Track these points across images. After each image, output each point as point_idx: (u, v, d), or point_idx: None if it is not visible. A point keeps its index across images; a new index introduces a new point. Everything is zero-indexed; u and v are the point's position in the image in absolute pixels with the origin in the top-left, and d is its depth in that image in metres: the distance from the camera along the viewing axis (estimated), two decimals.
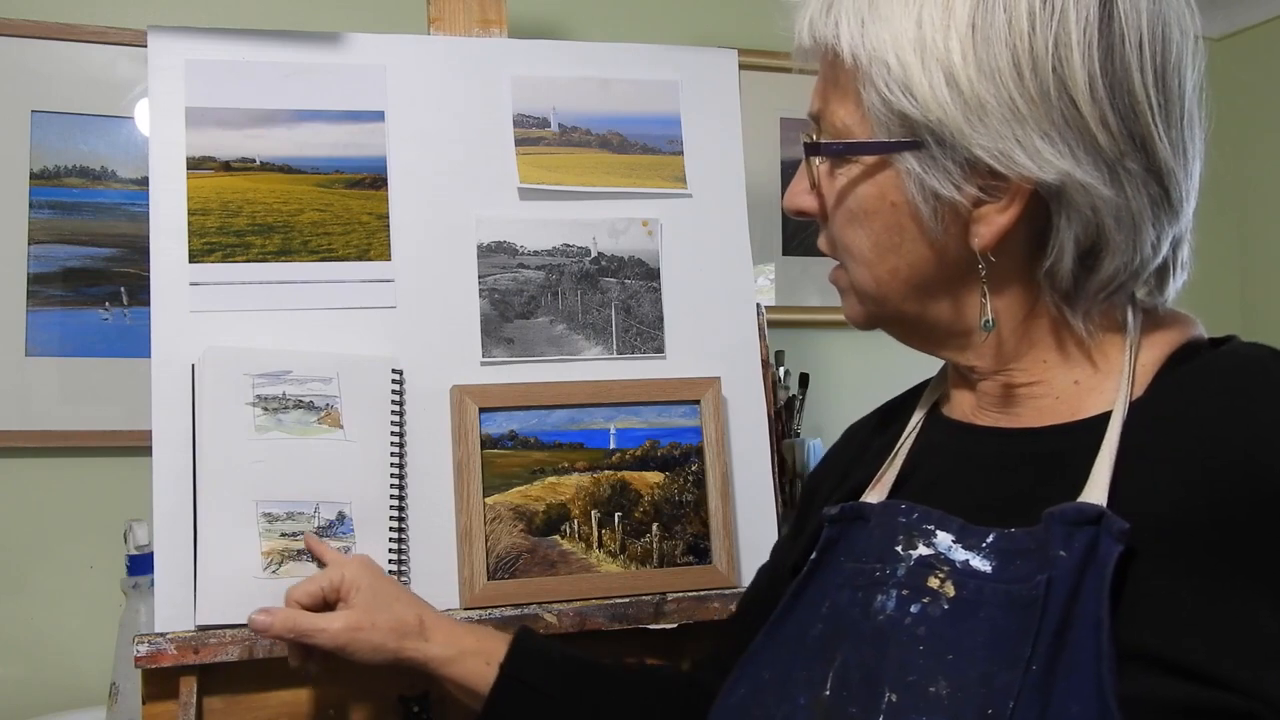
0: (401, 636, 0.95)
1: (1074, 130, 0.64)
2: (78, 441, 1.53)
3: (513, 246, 1.24)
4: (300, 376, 1.13)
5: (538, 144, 1.27)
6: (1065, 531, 0.62)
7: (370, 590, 0.98)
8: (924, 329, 0.75)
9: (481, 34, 1.30)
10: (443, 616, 1.00)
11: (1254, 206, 2.39)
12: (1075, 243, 0.66)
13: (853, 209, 0.72)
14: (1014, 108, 0.64)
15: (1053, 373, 0.71)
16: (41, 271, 1.52)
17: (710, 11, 1.89)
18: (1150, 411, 0.66)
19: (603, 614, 1.14)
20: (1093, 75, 0.63)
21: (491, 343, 1.22)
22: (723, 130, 1.33)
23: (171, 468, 1.10)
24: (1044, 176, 0.64)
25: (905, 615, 0.66)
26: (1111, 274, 0.67)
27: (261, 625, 0.96)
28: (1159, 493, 0.62)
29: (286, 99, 1.21)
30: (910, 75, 0.65)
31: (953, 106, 0.64)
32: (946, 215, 0.68)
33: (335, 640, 0.95)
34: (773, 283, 1.93)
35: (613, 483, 1.20)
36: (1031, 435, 0.71)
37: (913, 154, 0.67)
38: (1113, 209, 0.65)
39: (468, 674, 0.94)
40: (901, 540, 0.70)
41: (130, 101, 1.57)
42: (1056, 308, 0.70)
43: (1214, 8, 2.32)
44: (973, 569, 0.65)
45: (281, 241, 1.18)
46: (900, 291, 0.73)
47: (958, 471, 0.75)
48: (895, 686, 0.64)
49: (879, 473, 0.80)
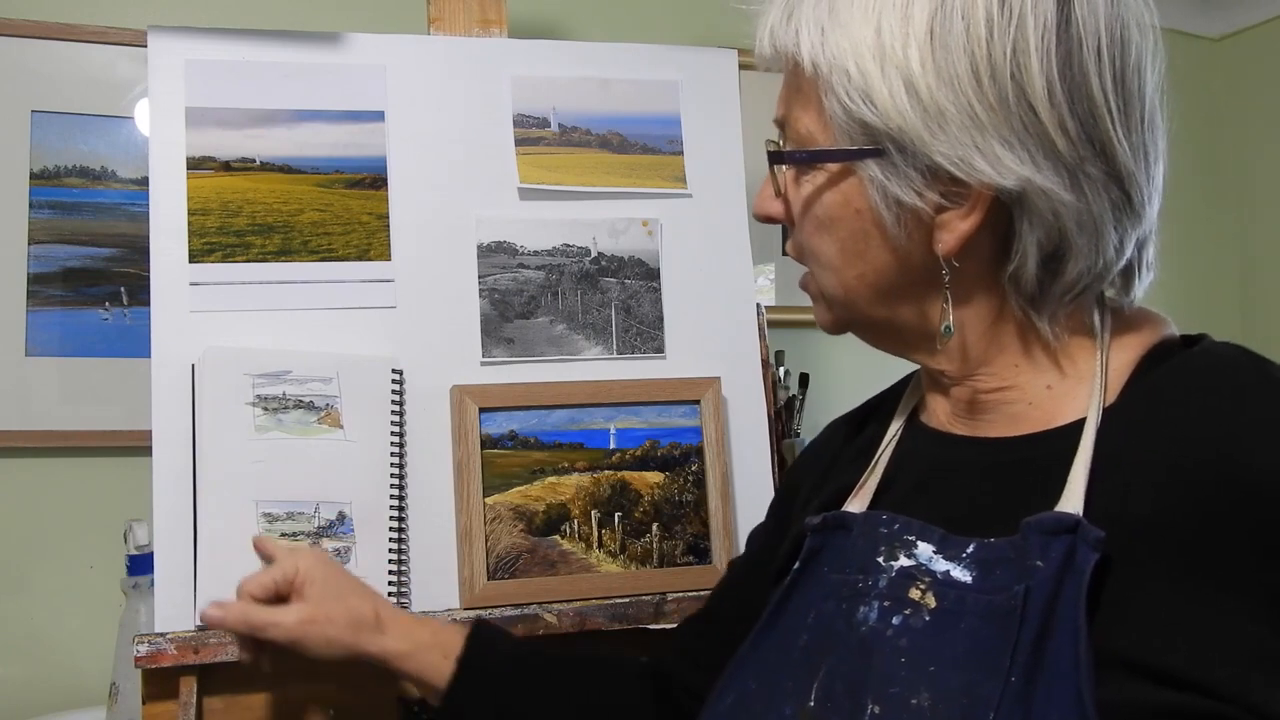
0: (357, 630, 0.93)
1: (1033, 136, 0.64)
2: (78, 441, 1.53)
3: (513, 246, 1.24)
4: (300, 376, 1.13)
5: (538, 144, 1.28)
6: (1042, 541, 0.62)
7: (324, 583, 0.95)
8: (892, 333, 0.75)
9: (481, 34, 1.30)
10: (398, 610, 0.98)
11: (1254, 206, 2.39)
12: (1038, 247, 0.66)
13: (818, 216, 0.72)
14: (973, 115, 0.64)
15: (1023, 378, 0.71)
16: (41, 271, 1.52)
17: (710, 11, 1.88)
18: (1124, 416, 0.66)
19: (603, 614, 1.14)
20: (1051, 81, 0.63)
21: (491, 343, 1.22)
22: (723, 130, 1.33)
23: (171, 468, 1.10)
24: (1004, 183, 0.64)
25: (887, 627, 0.66)
26: (1075, 277, 0.67)
27: (214, 620, 0.95)
28: (1134, 498, 0.61)
29: (286, 99, 1.21)
30: (870, 83, 0.66)
31: (912, 114, 0.65)
32: (910, 222, 0.68)
33: (289, 634, 0.93)
34: (773, 283, 1.93)
35: (613, 483, 1.20)
36: (1008, 444, 0.71)
37: (875, 161, 0.67)
38: (1074, 213, 0.65)
39: (424, 668, 0.93)
40: (883, 551, 0.70)
41: (130, 101, 1.57)
42: (1023, 312, 0.70)
43: (1214, 8, 2.32)
44: (954, 579, 0.65)
45: (281, 241, 1.18)
46: (867, 297, 0.73)
47: (937, 481, 0.74)
48: (878, 698, 0.63)
49: (860, 481, 0.79)
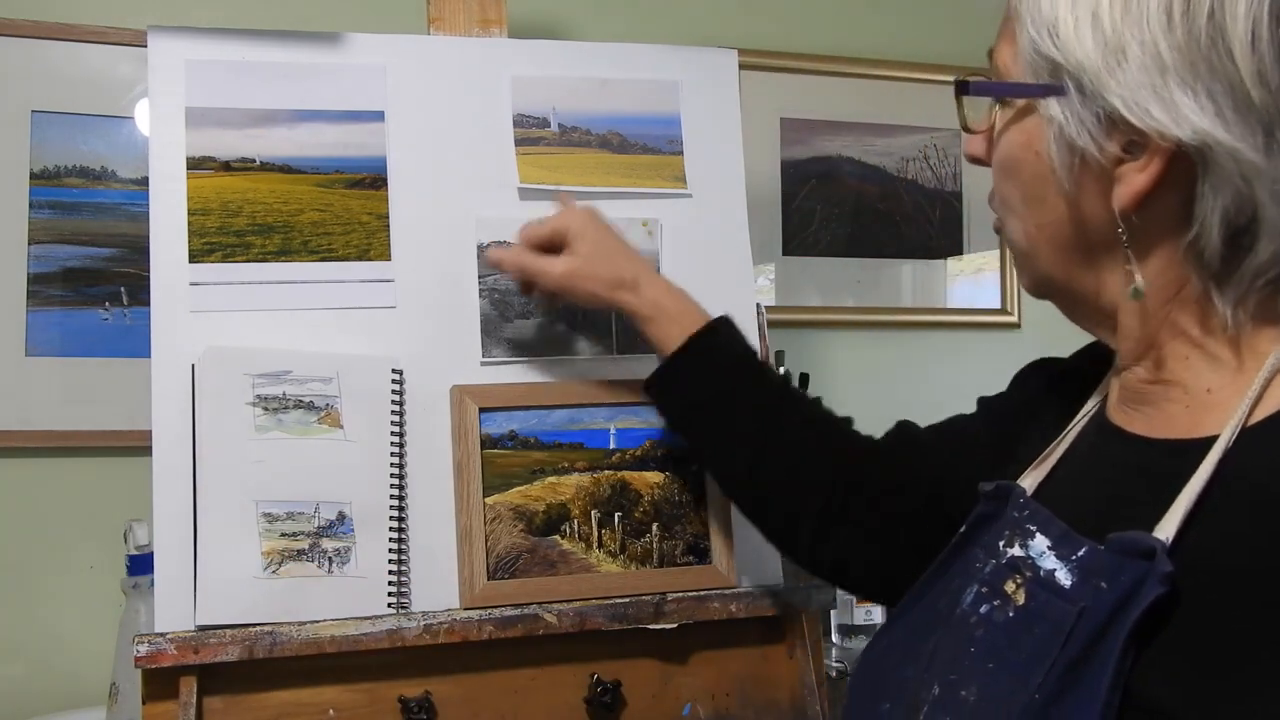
0: (614, 288, 1.05)
1: (1222, 84, 0.58)
2: (78, 441, 1.53)
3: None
4: (300, 376, 1.13)
5: (538, 144, 1.27)
6: (1117, 562, 0.58)
7: (594, 241, 1.07)
8: (1072, 300, 0.71)
9: (481, 34, 1.30)
10: (658, 277, 1.09)
11: None
12: (1223, 217, 0.60)
13: (1004, 157, 0.70)
14: (1156, 54, 0.59)
15: (1192, 373, 0.65)
16: (41, 271, 1.52)
17: (710, 11, 1.89)
18: (1262, 438, 0.59)
19: (603, 614, 1.14)
20: (1258, 21, 0.57)
21: (491, 343, 1.22)
22: (723, 130, 1.33)
23: (171, 468, 1.10)
24: (1179, 133, 0.58)
25: (974, 614, 0.66)
26: (1271, 258, 0.60)
27: (495, 258, 1.13)
28: (1231, 538, 0.56)
29: (286, 99, 1.21)
30: (1058, 16, 0.63)
31: (1094, 49, 0.61)
32: (1087, 172, 0.64)
33: (557, 283, 1.07)
34: (773, 283, 1.93)
35: (613, 483, 1.20)
36: (1151, 447, 0.66)
37: (1056, 100, 0.63)
38: (1267, 180, 0.58)
39: (661, 334, 1.04)
40: (1005, 536, 0.68)
41: (130, 101, 1.57)
42: (1205, 293, 0.63)
43: None
44: (1055, 581, 0.62)
45: (281, 241, 1.18)
46: (1046, 252, 0.69)
47: (1088, 475, 0.72)
48: (943, 682, 0.64)
49: (1044, 454, 0.76)
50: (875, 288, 1.99)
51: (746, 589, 1.19)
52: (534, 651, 1.14)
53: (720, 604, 1.17)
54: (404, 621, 1.09)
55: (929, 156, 2.04)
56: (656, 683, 1.18)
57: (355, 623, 1.08)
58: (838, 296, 1.97)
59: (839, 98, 1.96)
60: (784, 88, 1.91)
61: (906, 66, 2.00)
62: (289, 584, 1.08)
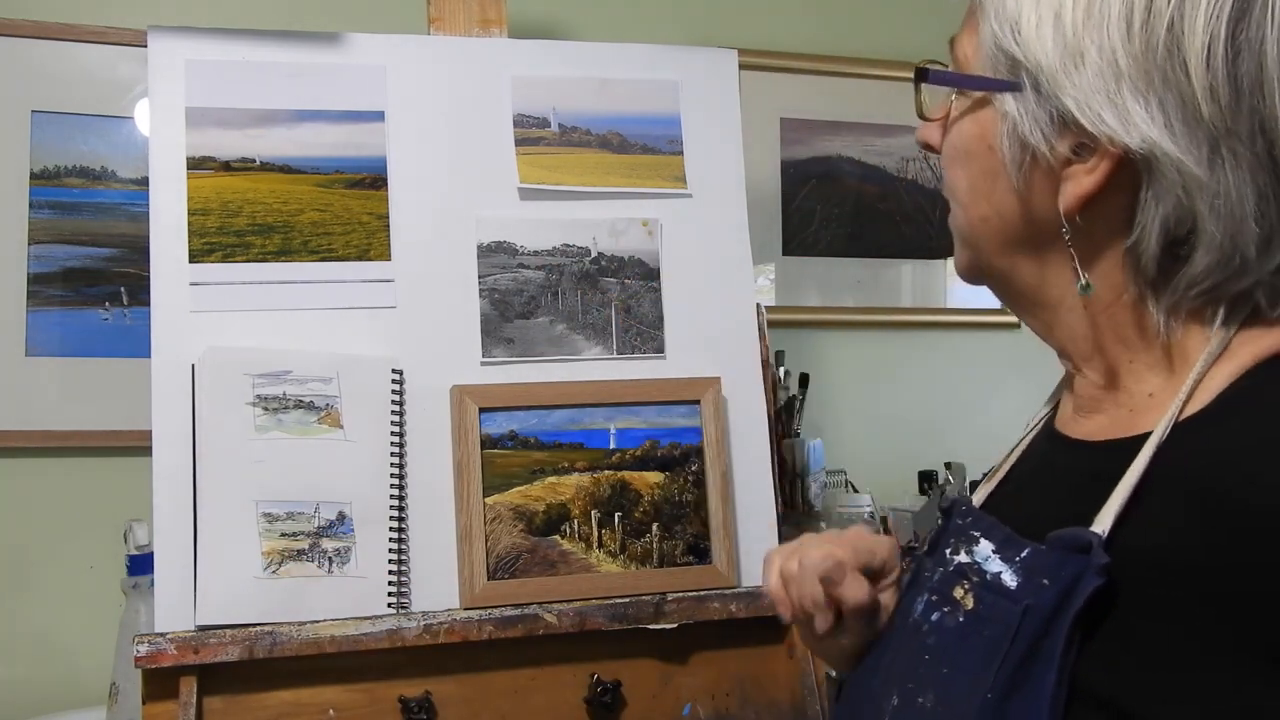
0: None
1: (1174, 96, 0.58)
2: (78, 441, 1.53)
3: (513, 246, 1.24)
4: (300, 376, 1.13)
5: (538, 144, 1.27)
6: (1058, 558, 0.59)
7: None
8: (1012, 289, 0.72)
9: (481, 34, 1.30)
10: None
11: None
12: (1163, 226, 0.60)
13: (956, 146, 0.70)
14: (1114, 61, 0.59)
15: (1134, 377, 0.66)
16: (41, 271, 1.52)
17: (710, 11, 1.88)
18: (1193, 431, 0.60)
19: (603, 614, 1.14)
20: (1214, 38, 0.57)
21: (491, 343, 1.22)
22: (723, 130, 1.33)
23: (171, 468, 1.10)
24: (1127, 140, 0.59)
25: (925, 622, 0.66)
26: (1204, 270, 0.60)
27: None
28: (1156, 526, 0.57)
29: (286, 99, 1.21)
30: (1021, 13, 0.63)
31: (1053, 49, 0.61)
32: (1037, 169, 0.64)
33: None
34: (773, 283, 1.93)
35: (613, 483, 1.20)
36: (1091, 449, 0.67)
37: (1012, 96, 0.64)
38: (1208, 194, 0.58)
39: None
40: (951, 544, 0.69)
41: (130, 101, 1.57)
42: (1140, 298, 0.64)
43: None
44: (1001, 583, 0.63)
45: (281, 241, 1.18)
46: (990, 242, 0.70)
47: (1034, 482, 0.73)
48: (901, 690, 0.64)
49: (993, 469, 0.78)
50: (875, 288, 1.99)
51: (746, 589, 1.19)
52: (534, 651, 1.14)
53: (720, 604, 1.17)
54: (404, 621, 1.09)
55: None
56: (656, 683, 1.18)
57: (355, 623, 1.08)
58: (838, 296, 1.97)
59: (839, 98, 1.96)
60: (784, 88, 1.91)
61: (907, 66, 1.98)
62: (289, 584, 1.08)
